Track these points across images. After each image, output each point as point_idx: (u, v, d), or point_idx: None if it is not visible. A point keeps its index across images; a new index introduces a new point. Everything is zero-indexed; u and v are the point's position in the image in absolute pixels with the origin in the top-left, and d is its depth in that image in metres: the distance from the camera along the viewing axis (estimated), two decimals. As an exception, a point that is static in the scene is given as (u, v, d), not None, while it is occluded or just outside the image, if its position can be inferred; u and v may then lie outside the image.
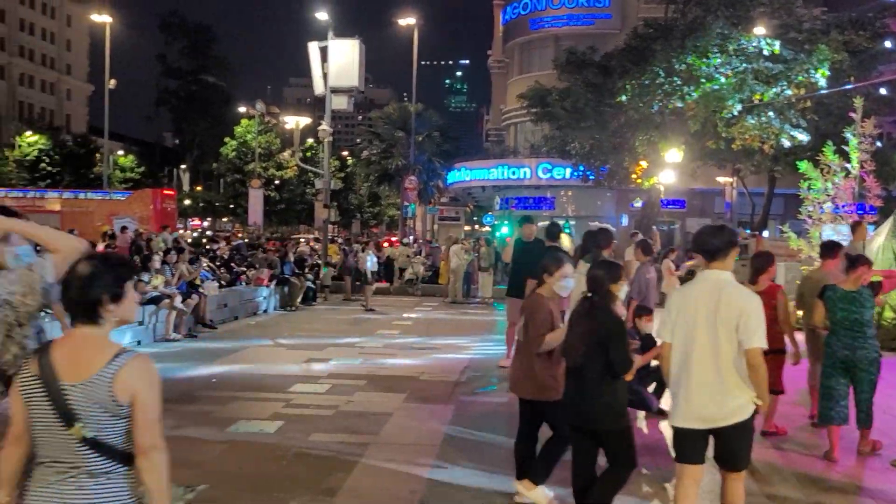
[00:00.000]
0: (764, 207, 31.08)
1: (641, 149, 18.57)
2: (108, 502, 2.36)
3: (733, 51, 16.90)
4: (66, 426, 2.33)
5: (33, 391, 2.37)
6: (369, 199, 65.24)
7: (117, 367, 2.36)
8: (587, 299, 4.39)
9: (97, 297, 2.40)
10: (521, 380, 4.93)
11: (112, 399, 2.34)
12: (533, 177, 34.73)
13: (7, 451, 2.48)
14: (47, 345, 2.49)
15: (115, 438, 2.38)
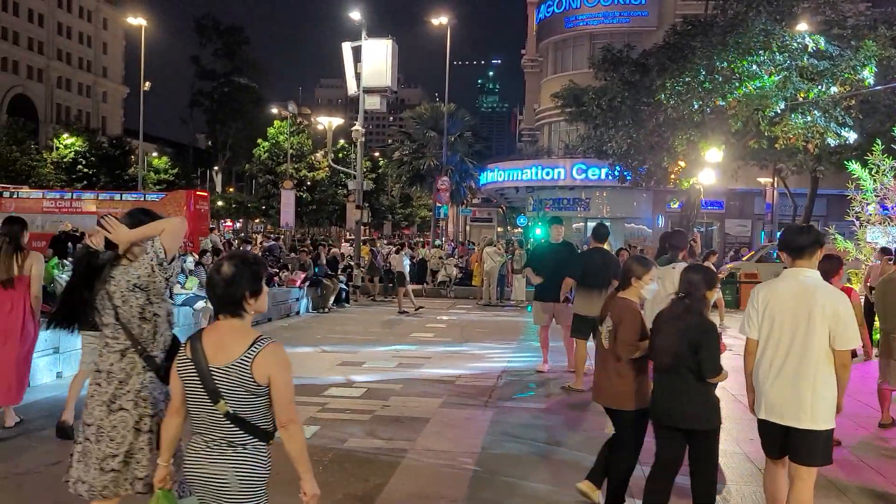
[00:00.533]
0: (806, 208, 30.30)
1: (681, 148, 18.10)
2: (245, 470, 2.75)
3: (777, 48, 16.37)
4: (213, 403, 2.73)
5: (187, 371, 2.81)
6: (401, 201, 65.35)
7: (255, 353, 2.75)
8: (680, 301, 4.35)
9: (240, 294, 2.80)
10: (605, 387, 4.80)
11: (251, 380, 2.72)
12: (567, 177, 34.26)
13: (168, 421, 3.01)
14: (199, 332, 2.88)
15: (252, 414, 2.76)
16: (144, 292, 3.36)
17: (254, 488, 2.79)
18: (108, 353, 3.37)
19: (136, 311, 3.35)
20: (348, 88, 21.71)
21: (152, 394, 3.35)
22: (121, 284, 3.35)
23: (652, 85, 17.96)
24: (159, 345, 3.41)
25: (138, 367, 3.34)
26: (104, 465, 3.26)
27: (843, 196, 33.75)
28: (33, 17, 73.30)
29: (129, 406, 3.29)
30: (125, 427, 3.28)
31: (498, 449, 6.27)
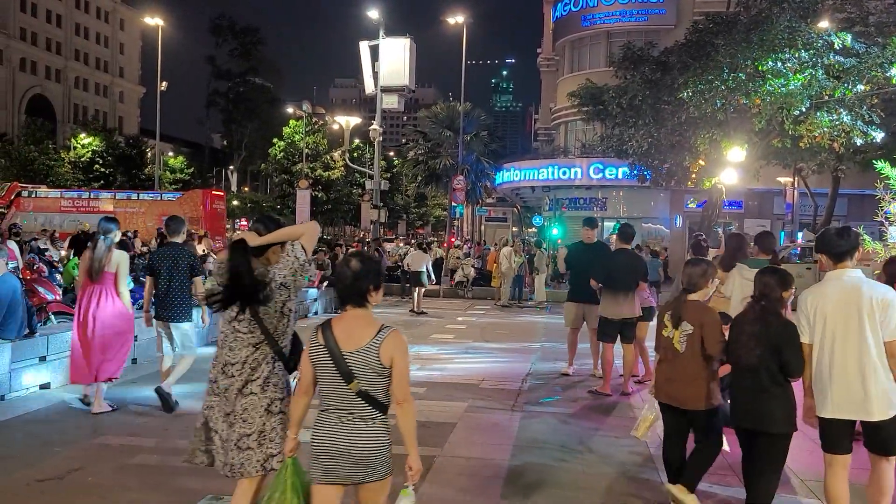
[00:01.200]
0: (827, 208, 29.88)
1: (703, 147, 17.82)
2: (371, 439, 3.16)
3: (802, 45, 16.06)
4: (346, 382, 3.14)
5: (320, 356, 3.20)
6: (415, 200, 65.23)
7: (381, 339, 3.17)
8: (757, 303, 4.45)
9: (366, 288, 3.25)
10: (691, 390, 4.76)
11: (378, 363, 3.14)
12: (584, 177, 33.95)
13: (297, 400, 3.39)
14: (328, 322, 3.26)
15: (377, 392, 3.17)
16: (287, 290, 3.74)
17: (382, 453, 3.19)
18: (241, 346, 3.70)
19: (279, 306, 3.71)
20: (365, 87, 21.59)
21: (281, 380, 3.72)
22: (268, 283, 3.67)
23: (673, 83, 17.68)
24: (287, 338, 3.79)
25: (268, 358, 3.69)
26: (241, 444, 3.62)
27: (864, 196, 33.48)
28: (51, 17, 73.83)
29: (257, 391, 3.63)
30: (255, 410, 3.62)
31: (528, 456, 6.10)
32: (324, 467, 3.18)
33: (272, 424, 3.64)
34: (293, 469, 3.39)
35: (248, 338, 3.70)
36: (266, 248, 3.79)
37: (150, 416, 6.95)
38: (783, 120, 17.06)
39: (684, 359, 4.77)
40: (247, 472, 3.63)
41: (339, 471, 3.17)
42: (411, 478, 3.20)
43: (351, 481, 3.20)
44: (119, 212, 30.89)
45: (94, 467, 5.50)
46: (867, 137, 16.92)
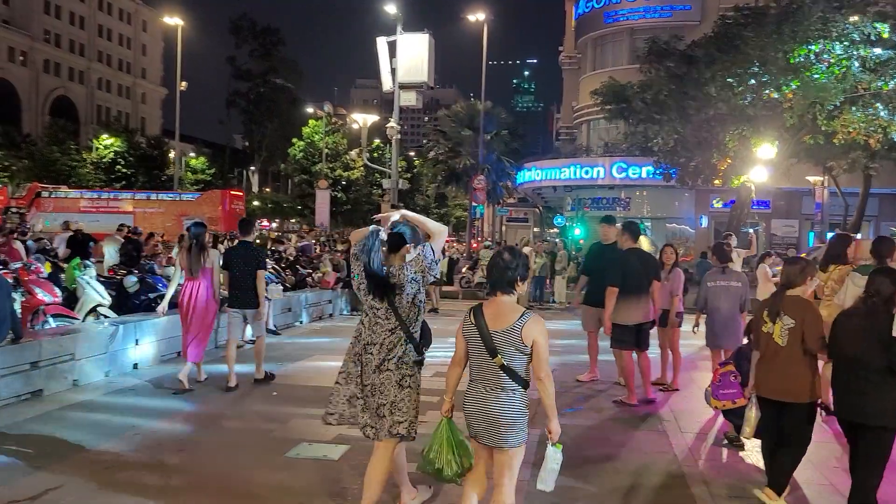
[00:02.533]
0: (858, 208, 28.98)
1: (731, 144, 17.16)
2: (512, 408, 3.70)
3: (836, 36, 15.38)
4: (492, 357, 3.68)
5: (471, 333, 3.78)
6: (436, 200, 64.76)
7: (524, 322, 3.68)
8: (866, 300, 4.56)
9: (514, 277, 3.79)
10: (792, 383, 4.87)
11: (521, 342, 3.67)
12: (607, 176, 33.28)
13: (452, 370, 3.98)
14: (479, 305, 3.83)
15: (519, 368, 3.71)
16: (417, 284, 4.33)
17: (520, 421, 3.77)
18: (379, 330, 4.34)
19: (410, 298, 4.30)
20: (383, 84, 21.17)
21: (411, 360, 4.34)
22: (401, 278, 4.28)
23: (700, 78, 17.07)
24: (417, 324, 4.39)
25: (402, 340, 4.30)
26: (379, 412, 4.30)
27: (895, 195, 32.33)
28: (75, 19, 74.45)
29: (392, 368, 4.27)
30: (389, 384, 4.27)
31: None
32: (472, 427, 3.86)
33: (402, 396, 4.31)
34: (448, 427, 4.05)
35: (385, 323, 4.34)
36: (401, 246, 4.38)
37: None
38: (816, 115, 16.39)
39: (786, 352, 4.89)
40: (381, 436, 4.34)
41: (481, 433, 3.81)
42: (551, 439, 3.82)
43: (489, 443, 3.80)
44: (138, 212, 30.84)
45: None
46: (907, 133, 16.19)
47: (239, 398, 7.95)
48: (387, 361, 4.31)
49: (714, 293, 8.00)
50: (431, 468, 4.10)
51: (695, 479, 5.65)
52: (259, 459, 5.84)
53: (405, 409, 4.31)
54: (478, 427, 3.82)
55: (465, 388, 3.95)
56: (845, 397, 4.54)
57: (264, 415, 7.25)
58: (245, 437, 6.48)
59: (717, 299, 7.99)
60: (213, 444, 6.29)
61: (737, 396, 6.37)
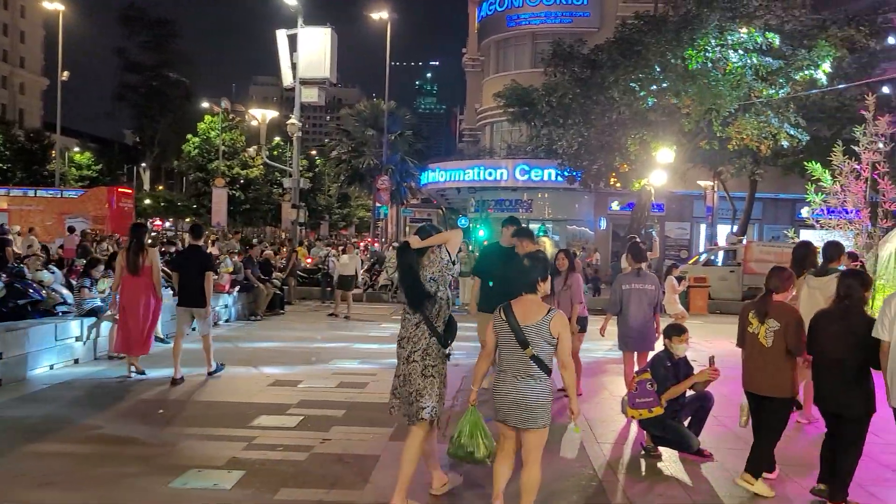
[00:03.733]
0: (745, 212, 30.38)
1: (633, 147, 17.43)
2: (537, 393, 4.31)
3: (732, 45, 15.85)
4: (523, 348, 4.30)
5: (503, 329, 4.39)
6: (338, 200, 63.63)
7: (550, 317, 4.32)
8: (841, 302, 5.07)
9: (535, 279, 4.44)
10: (776, 380, 5.32)
11: (549, 334, 4.30)
12: (510, 178, 33.48)
13: (480, 362, 4.59)
14: (508, 304, 4.42)
15: (545, 357, 4.33)
16: (436, 283, 4.69)
17: (546, 404, 4.30)
18: (408, 326, 4.76)
19: (433, 294, 4.64)
20: (283, 79, 20.32)
21: (436, 351, 4.70)
22: (424, 277, 4.65)
23: (604, 82, 17.24)
24: (441, 319, 4.75)
25: (426, 334, 4.68)
26: (409, 399, 4.69)
27: (777, 199, 34.23)
28: (-56, 2, 68.73)
29: (418, 359, 4.65)
30: (415, 373, 4.66)
31: (472, 497, 5.22)
32: (501, 412, 4.37)
33: (425, 385, 4.69)
34: (475, 413, 4.52)
35: (412, 319, 4.78)
36: (425, 250, 4.79)
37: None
38: (712, 121, 16.86)
39: (771, 352, 5.35)
40: (412, 421, 4.78)
41: (511, 415, 4.32)
42: (573, 419, 4.40)
43: (519, 425, 4.32)
44: (13, 210, 28.54)
45: None
46: (793, 140, 16.87)
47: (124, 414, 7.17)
48: (413, 353, 4.75)
49: (628, 296, 7.78)
50: (463, 452, 4.56)
51: (615, 493, 5.42)
52: (139, 491, 5.17)
53: (428, 395, 4.71)
54: (508, 411, 4.36)
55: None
56: (829, 393, 5.10)
57: (150, 437, 6.53)
58: (125, 465, 5.76)
59: (631, 303, 7.76)
60: (83, 474, 5.53)
61: (653, 405, 6.21)
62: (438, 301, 4.76)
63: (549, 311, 4.35)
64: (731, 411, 7.58)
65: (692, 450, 6.24)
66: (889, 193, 12.86)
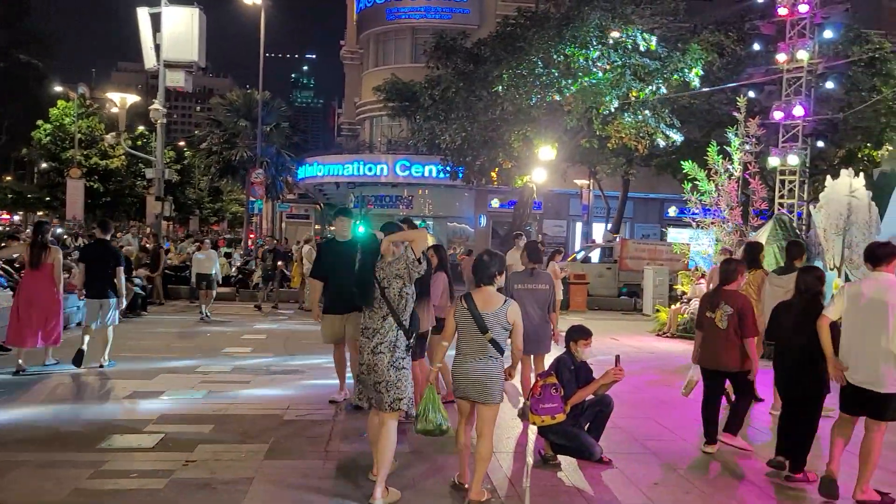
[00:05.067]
0: (619, 210, 31.40)
1: (516, 144, 17.32)
2: (493, 372, 4.89)
3: (612, 44, 16.02)
4: (482, 333, 4.84)
5: (463, 316, 4.91)
6: (209, 194, 60.64)
7: (507, 307, 4.90)
8: (801, 295, 5.79)
9: (494, 272, 5.03)
10: (729, 356, 6.25)
11: (506, 321, 4.88)
12: (390, 174, 32.95)
13: (440, 345, 5.13)
14: (469, 294, 5.00)
15: (501, 341, 4.90)
16: (402, 279, 5.00)
17: (501, 382, 4.95)
18: (374, 317, 5.01)
19: (397, 290, 4.98)
20: (145, 61, 18.73)
21: (403, 344, 4.98)
22: (388, 273, 5.01)
23: (487, 76, 17.00)
24: (407, 314, 5.02)
25: (394, 327, 4.95)
26: (377, 388, 4.94)
27: (647, 199, 35.65)
28: None
29: (385, 350, 4.91)
30: (382, 364, 4.91)
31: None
32: (461, 389, 4.94)
33: (399, 377, 4.87)
34: (433, 391, 4.94)
35: (379, 311, 4.95)
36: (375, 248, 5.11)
37: None
38: (592, 119, 17.02)
39: (725, 333, 6.25)
40: (382, 408, 4.89)
41: (469, 392, 4.89)
42: (510, 378, 5.10)
43: (478, 400, 4.88)
44: None
45: None
46: (668, 140, 17.30)
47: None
48: (380, 345, 4.92)
49: (521, 296, 7.36)
50: (433, 426, 4.91)
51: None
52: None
53: (403, 387, 4.90)
54: (468, 388, 4.91)
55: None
56: (788, 375, 5.77)
57: (-30, 467, 5.45)
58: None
59: (525, 303, 7.35)
60: None
61: (557, 411, 5.84)
62: (405, 297, 4.98)
63: (506, 302, 4.93)
64: (627, 413, 7.40)
65: (594, 458, 5.94)
66: (759, 192, 13.32)
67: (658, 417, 7.68)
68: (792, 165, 16.90)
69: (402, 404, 4.89)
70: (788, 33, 16.77)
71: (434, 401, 4.92)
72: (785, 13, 16.64)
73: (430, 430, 4.94)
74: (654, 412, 7.88)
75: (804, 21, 16.48)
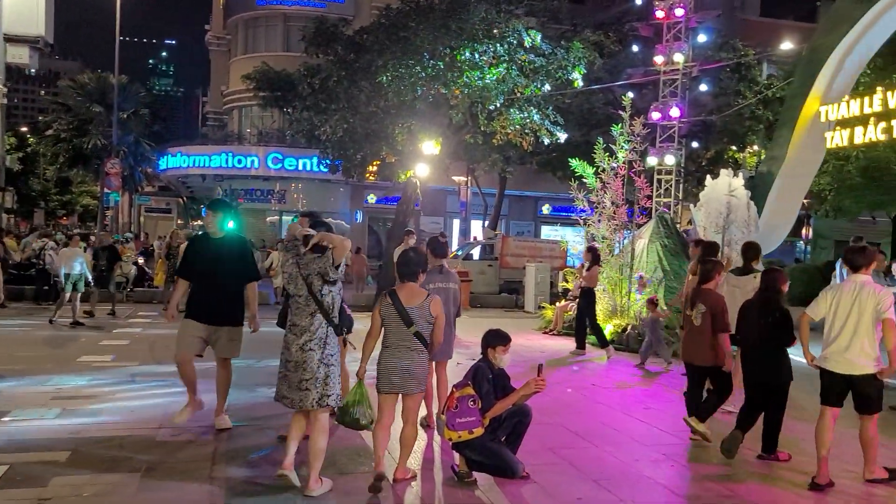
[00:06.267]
0: (496, 207, 31.58)
1: (401, 137, 16.74)
2: (417, 364, 5.16)
3: (498, 37, 15.77)
4: (407, 327, 5.10)
5: (388, 311, 5.15)
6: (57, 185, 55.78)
7: (430, 301, 5.19)
8: (763, 294, 6.32)
9: (416, 270, 5.34)
10: (703, 352, 6.65)
11: (429, 314, 5.17)
12: (262, 166, 31.52)
13: (369, 340, 5.24)
14: (394, 289, 5.26)
15: (426, 334, 5.17)
16: (320, 278, 4.99)
17: (423, 374, 5.25)
18: (302, 314, 4.99)
19: (318, 288, 4.98)
20: (-18, 32, 16.57)
21: (331, 340, 5.01)
22: (311, 270, 4.99)
23: (371, 66, 16.29)
24: (335, 310, 5.07)
25: (323, 323, 4.96)
26: (301, 386, 4.89)
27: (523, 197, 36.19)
28: None
29: (315, 347, 4.90)
30: (312, 361, 4.88)
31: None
32: (387, 381, 5.18)
33: (328, 373, 4.95)
34: (362, 386, 5.15)
35: (306, 308, 4.99)
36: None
37: None
38: (477, 114, 16.73)
39: (700, 330, 6.67)
40: (306, 406, 4.94)
41: (396, 383, 5.16)
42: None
43: (403, 391, 5.19)
44: None
45: None
46: (553, 137, 17.32)
47: None
48: (310, 342, 4.90)
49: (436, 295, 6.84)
50: (350, 419, 5.08)
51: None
52: None
53: (332, 384, 4.93)
54: (393, 380, 5.13)
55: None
56: (756, 367, 6.25)
57: None
58: None
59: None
60: None
61: (475, 425, 5.32)
62: (329, 294, 5.00)
63: (428, 296, 5.22)
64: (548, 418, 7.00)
65: (517, 475, 5.46)
66: (645, 190, 13.49)
67: (565, 422, 7.35)
68: (669, 165, 17.45)
69: (329, 401, 4.93)
70: (665, 36, 17.30)
71: (362, 395, 5.08)
72: (662, 16, 17.16)
73: (348, 423, 5.14)
74: (559, 417, 7.54)
75: (680, 25, 17.05)
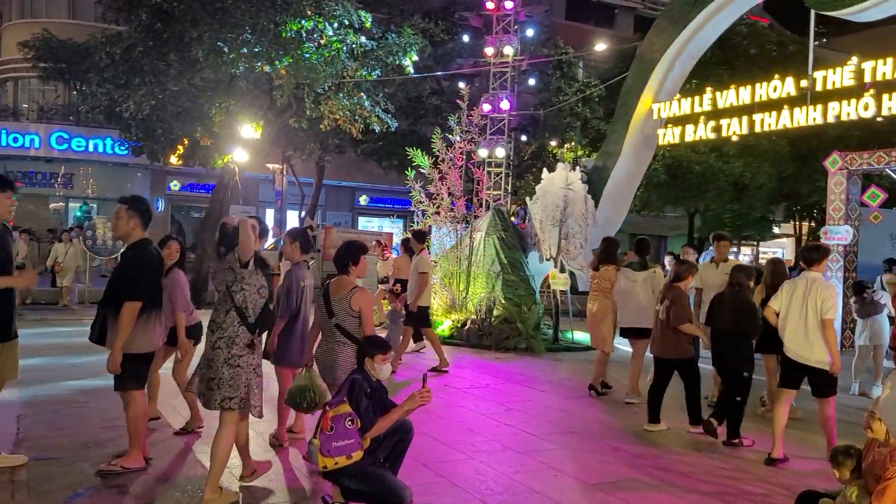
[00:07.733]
0: (313, 197, 30.44)
1: (218, 118, 15.19)
2: (344, 358, 5.25)
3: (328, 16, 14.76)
4: (329, 317, 5.31)
5: (319, 300, 5.40)
6: None
7: (351, 294, 5.29)
8: (732, 289, 7.06)
9: (347, 262, 5.44)
10: (669, 346, 7.35)
11: (350, 307, 5.28)
12: (43, 146, 27.91)
13: (313, 330, 5.67)
14: (329, 282, 5.50)
15: (349, 327, 5.28)
16: (233, 272, 4.85)
17: (347, 367, 5.13)
18: (220, 311, 4.83)
19: (230, 284, 4.84)
20: None
21: (242, 340, 4.77)
22: (226, 266, 4.90)
23: (183, 37, 14.61)
24: (251, 309, 4.84)
25: (235, 322, 4.77)
26: (209, 384, 4.76)
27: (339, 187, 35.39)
28: None
29: (222, 346, 4.72)
30: (218, 360, 4.72)
31: None
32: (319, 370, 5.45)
33: (232, 374, 4.72)
34: (308, 372, 5.49)
35: (223, 305, 4.84)
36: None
37: None
38: (304, 97, 15.65)
39: (664, 323, 7.26)
40: (211, 406, 4.78)
41: (323, 375, 5.39)
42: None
43: (329, 382, 5.29)
44: None
45: None
46: (384, 125, 16.67)
47: None
48: (219, 340, 4.74)
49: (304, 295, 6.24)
50: (292, 401, 5.43)
51: None
52: None
53: (235, 386, 4.71)
54: (321, 369, 5.43)
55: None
56: (724, 356, 6.94)
57: None
58: None
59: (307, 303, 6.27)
60: None
61: (354, 448, 4.54)
62: (241, 292, 4.83)
63: (353, 289, 5.30)
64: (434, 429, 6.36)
65: (405, 499, 4.75)
66: (485, 182, 13.27)
67: (430, 432, 6.77)
68: (499, 158, 17.48)
69: (232, 403, 4.72)
70: (495, 28, 17.26)
71: (306, 379, 5.37)
72: (492, 7, 17.09)
73: (292, 405, 5.46)
74: (425, 426, 6.87)
75: (509, 17, 17.07)
